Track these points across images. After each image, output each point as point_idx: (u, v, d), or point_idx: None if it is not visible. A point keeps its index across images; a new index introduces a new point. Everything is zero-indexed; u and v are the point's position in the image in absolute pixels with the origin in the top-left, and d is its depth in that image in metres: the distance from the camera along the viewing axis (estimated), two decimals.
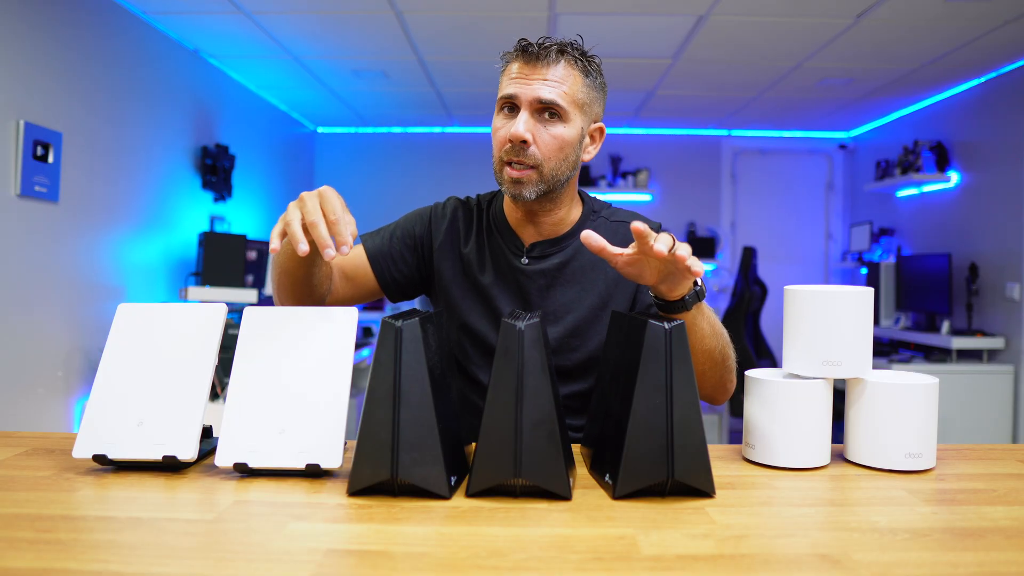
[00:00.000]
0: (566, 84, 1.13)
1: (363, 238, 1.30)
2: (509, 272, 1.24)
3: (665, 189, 5.81)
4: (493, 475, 0.77)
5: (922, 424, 0.90)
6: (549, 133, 1.13)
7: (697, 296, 1.00)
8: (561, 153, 1.14)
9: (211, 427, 0.97)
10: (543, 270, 1.22)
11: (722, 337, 1.09)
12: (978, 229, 4.17)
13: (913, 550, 0.65)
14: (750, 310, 4.71)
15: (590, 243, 0.94)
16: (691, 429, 0.78)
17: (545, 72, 1.12)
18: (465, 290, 1.25)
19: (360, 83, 4.53)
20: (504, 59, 1.18)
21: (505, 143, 1.13)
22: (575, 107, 1.14)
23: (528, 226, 1.24)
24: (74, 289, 2.96)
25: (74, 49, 2.91)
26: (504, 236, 1.25)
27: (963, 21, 3.29)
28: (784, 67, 4.04)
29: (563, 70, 1.13)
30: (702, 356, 1.06)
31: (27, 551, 0.62)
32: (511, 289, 1.23)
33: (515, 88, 1.12)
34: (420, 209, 1.34)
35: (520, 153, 1.12)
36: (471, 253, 1.26)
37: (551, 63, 1.12)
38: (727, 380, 1.13)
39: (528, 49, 1.13)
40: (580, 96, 1.15)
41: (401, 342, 0.77)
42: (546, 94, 1.11)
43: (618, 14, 3.29)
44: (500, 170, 1.16)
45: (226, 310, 0.94)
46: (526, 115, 1.12)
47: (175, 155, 3.75)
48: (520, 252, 1.24)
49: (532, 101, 1.11)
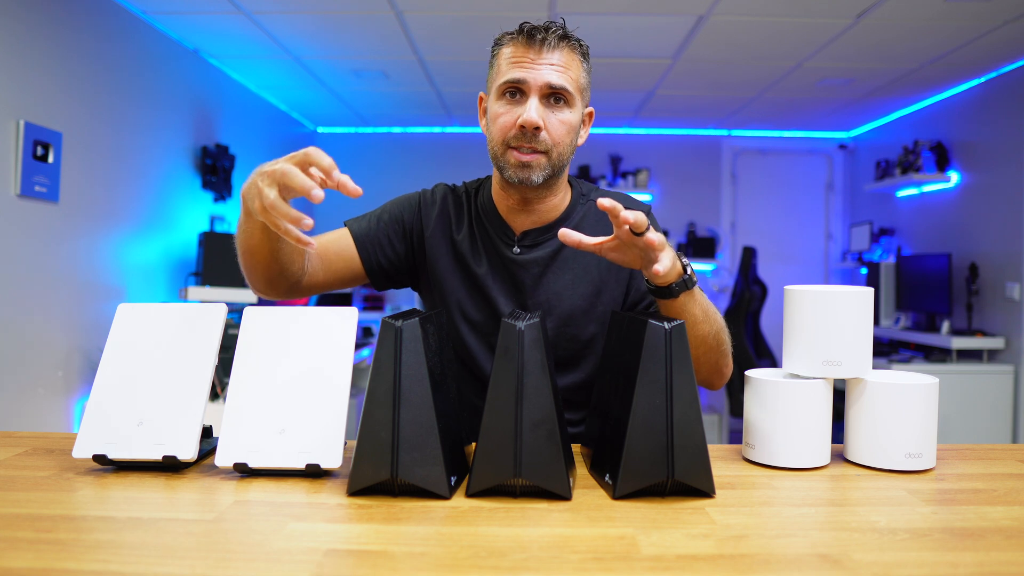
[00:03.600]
0: (571, 70, 1.12)
1: (347, 223, 1.27)
2: (501, 262, 1.22)
3: (665, 189, 5.81)
4: (493, 475, 0.77)
5: (922, 424, 0.90)
6: (558, 119, 1.12)
7: (685, 284, 1.00)
8: (568, 137, 1.14)
9: (211, 427, 0.97)
10: (536, 259, 1.21)
11: (715, 322, 1.08)
12: (978, 229, 4.17)
13: (913, 550, 0.65)
14: (750, 310, 4.71)
15: (567, 240, 0.94)
16: (691, 429, 0.78)
17: (550, 56, 1.10)
18: (460, 280, 1.23)
19: (360, 83, 4.53)
20: (500, 42, 1.16)
21: (511, 129, 1.11)
22: (578, 92, 1.14)
23: (519, 214, 1.22)
24: (74, 289, 2.96)
25: (74, 49, 2.91)
26: (494, 225, 1.23)
27: (963, 21, 3.29)
28: (784, 67, 4.04)
29: (567, 55, 1.12)
30: (695, 341, 1.05)
31: (27, 551, 0.61)
32: (504, 279, 1.22)
33: (522, 72, 1.10)
34: (407, 195, 1.30)
35: (532, 139, 1.10)
36: (464, 242, 1.24)
37: (554, 48, 1.11)
38: (723, 364, 1.13)
39: (533, 33, 1.11)
40: (582, 81, 1.15)
41: (401, 342, 0.77)
42: (556, 80, 1.10)
43: (618, 14, 3.29)
44: (502, 154, 1.13)
45: (226, 310, 0.94)
46: (536, 101, 1.10)
47: (175, 155, 3.75)
48: (511, 241, 1.22)
49: (542, 87, 1.10)
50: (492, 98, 1.16)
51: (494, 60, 1.17)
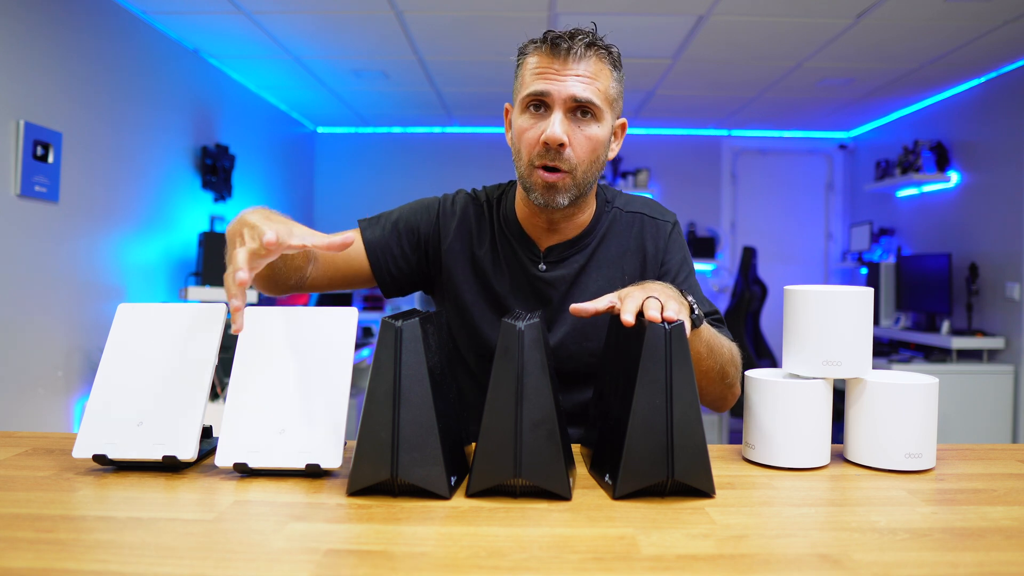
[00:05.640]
0: (599, 80, 1.05)
1: (361, 225, 1.22)
2: (526, 279, 1.17)
3: (665, 189, 5.81)
4: (493, 475, 0.77)
5: (922, 424, 0.90)
6: (584, 134, 1.05)
7: (693, 323, 0.95)
8: (594, 155, 1.07)
9: (211, 427, 0.96)
10: (563, 276, 1.16)
11: (720, 357, 1.06)
12: (978, 229, 4.17)
13: (913, 550, 0.65)
14: (750, 310, 4.71)
15: (581, 314, 0.90)
16: (691, 429, 0.78)
17: (576, 67, 1.03)
18: (477, 295, 1.19)
19: (360, 83, 4.53)
20: (524, 51, 1.10)
21: (536, 145, 1.05)
22: (607, 104, 1.07)
23: (545, 232, 1.17)
24: (74, 289, 2.96)
25: (74, 49, 2.91)
26: (517, 240, 1.18)
27: (963, 21, 3.29)
28: (784, 67, 4.04)
29: (594, 65, 1.04)
30: (698, 375, 1.02)
31: (27, 551, 0.61)
32: (528, 296, 1.17)
33: (545, 85, 1.03)
34: (426, 201, 1.24)
35: (556, 157, 1.04)
36: (485, 257, 1.19)
37: (581, 57, 1.03)
38: (727, 395, 1.12)
39: (558, 42, 1.03)
40: (612, 92, 1.07)
41: (401, 342, 0.77)
42: (581, 92, 1.03)
43: (618, 14, 3.29)
44: (529, 175, 1.07)
45: (226, 310, 0.94)
46: (560, 115, 1.03)
47: (175, 155, 3.75)
48: (537, 258, 1.17)
49: (567, 99, 1.03)
50: (516, 111, 1.10)
51: (518, 70, 1.10)
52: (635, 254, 1.20)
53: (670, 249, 1.20)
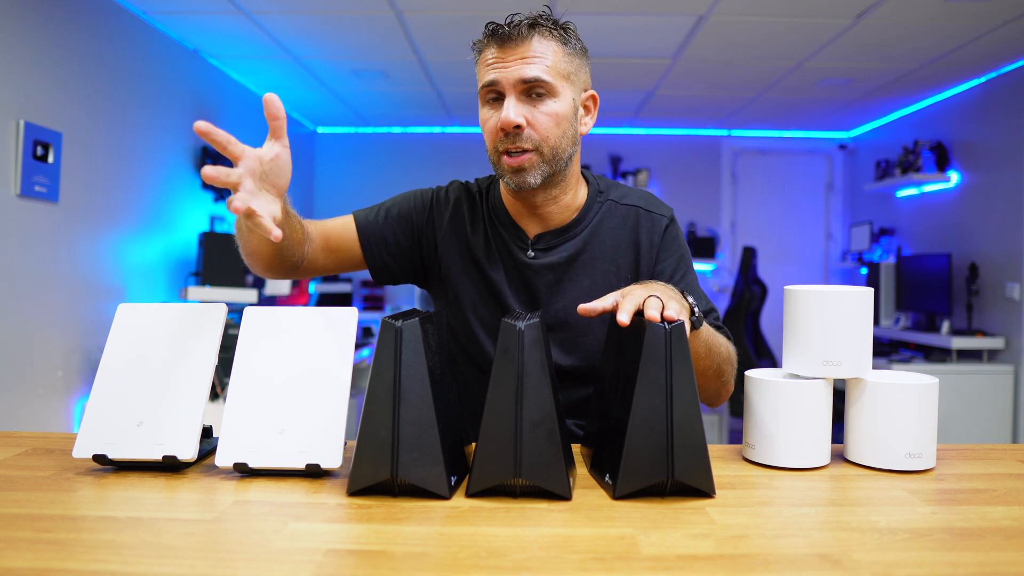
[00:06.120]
0: (547, 58, 1.06)
1: (356, 213, 1.24)
2: (515, 267, 1.18)
3: (665, 189, 5.81)
4: (493, 475, 0.77)
5: (922, 424, 0.90)
6: (542, 112, 1.06)
7: (693, 325, 0.96)
8: (559, 129, 1.08)
9: (211, 427, 0.97)
10: (551, 264, 1.16)
11: (718, 356, 1.07)
12: (978, 229, 4.17)
13: (913, 550, 0.65)
14: (750, 310, 4.71)
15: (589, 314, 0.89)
16: (691, 429, 0.78)
17: (521, 50, 1.05)
18: (476, 284, 1.20)
19: (360, 83, 4.53)
20: (476, 48, 1.11)
21: (497, 133, 1.07)
22: (561, 79, 1.07)
23: (530, 218, 1.17)
24: (74, 289, 2.96)
25: (74, 49, 2.91)
26: (506, 228, 1.19)
27: (963, 21, 3.29)
28: (784, 67, 4.04)
29: (539, 44, 1.06)
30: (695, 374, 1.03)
31: (27, 551, 0.61)
32: (520, 286, 1.18)
33: (495, 74, 1.06)
34: (419, 192, 1.26)
35: (516, 139, 1.06)
36: (479, 246, 1.20)
37: (524, 40, 1.05)
38: (722, 391, 1.13)
39: (498, 31, 1.06)
40: (563, 67, 1.08)
41: (401, 342, 0.77)
42: (528, 72, 1.04)
43: (618, 14, 3.29)
44: (497, 161, 1.10)
45: (226, 310, 0.94)
46: (513, 99, 1.05)
47: (175, 155, 3.75)
48: (525, 245, 1.17)
49: (515, 83, 1.05)
50: (480, 106, 1.13)
51: (476, 68, 1.13)
52: (629, 248, 1.19)
53: (665, 245, 1.20)
